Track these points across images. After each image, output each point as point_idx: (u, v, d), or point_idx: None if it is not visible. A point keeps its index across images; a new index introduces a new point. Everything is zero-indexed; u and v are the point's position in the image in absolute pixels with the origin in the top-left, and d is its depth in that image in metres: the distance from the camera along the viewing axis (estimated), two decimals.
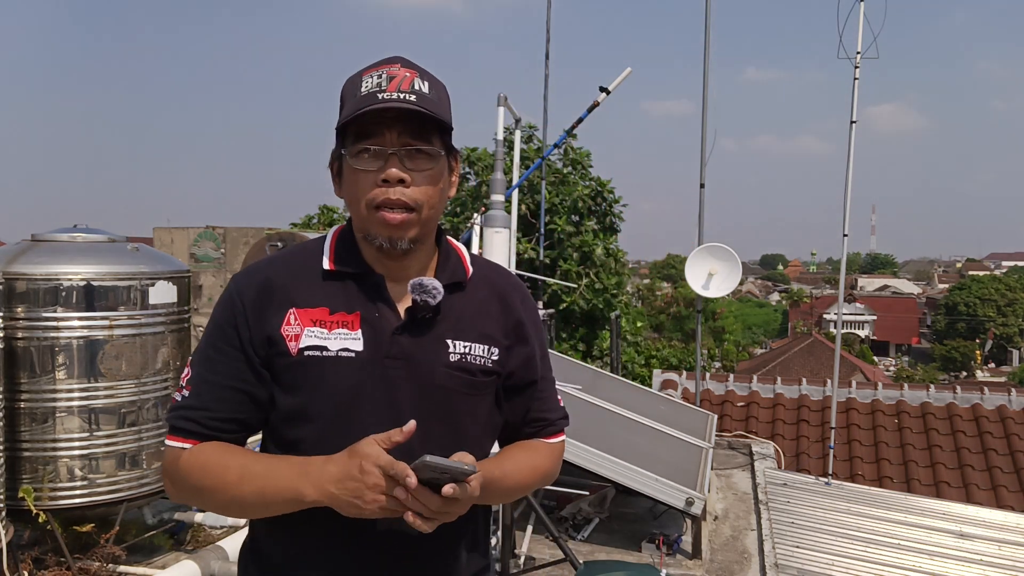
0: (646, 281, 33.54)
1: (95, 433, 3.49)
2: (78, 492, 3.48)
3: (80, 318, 3.44)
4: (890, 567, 4.38)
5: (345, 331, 1.33)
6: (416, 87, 1.30)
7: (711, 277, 6.65)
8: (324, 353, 1.31)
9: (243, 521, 3.84)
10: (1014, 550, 4.78)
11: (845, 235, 5.68)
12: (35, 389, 3.41)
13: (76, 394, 3.45)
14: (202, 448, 1.32)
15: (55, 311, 3.41)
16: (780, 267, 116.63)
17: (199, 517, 3.96)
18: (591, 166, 12.45)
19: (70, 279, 3.43)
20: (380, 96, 1.28)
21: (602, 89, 5.58)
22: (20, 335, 3.39)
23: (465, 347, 1.37)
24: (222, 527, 3.94)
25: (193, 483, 1.31)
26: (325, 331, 1.32)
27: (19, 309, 3.39)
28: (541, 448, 1.50)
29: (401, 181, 1.29)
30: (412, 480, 1.15)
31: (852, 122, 5.67)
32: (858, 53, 5.55)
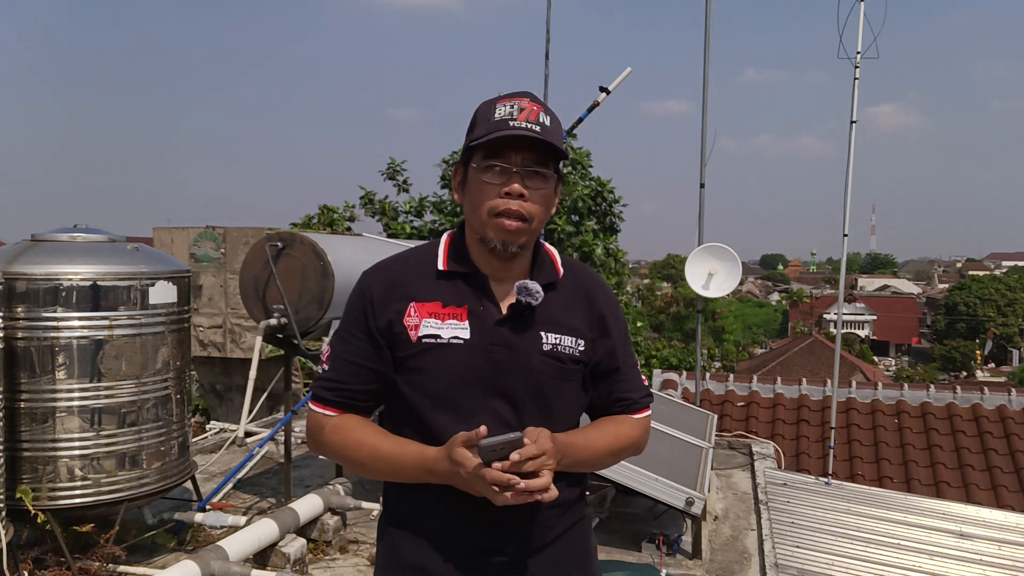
0: (646, 281, 33.54)
1: (95, 433, 3.49)
2: (78, 492, 3.48)
3: (80, 318, 3.44)
4: (890, 567, 4.38)
5: (455, 322, 1.58)
6: (540, 120, 1.54)
7: (711, 277, 6.65)
8: (438, 340, 1.56)
9: (243, 521, 3.84)
10: (1014, 550, 4.78)
11: (845, 235, 5.68)
12: (35, 389, 3.41)
13: (76, 394, 3.45)
14: (342, 425, 1.61)
15: (55, 311, 3.41)
16: (780, 267, 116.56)
17: (199, 517, 3.96)
18: (591, 166, 12.46)
19: (70, 279, 3.43)
20: (511, 124, 1.53)
21: (602, 89, 5.58)
22: (20, 335, 3.39)
23: (556, 339, 1.61)
24: (222, 527, 3.94)
25: (334, 451, 1.62)
26: (439, 322, 1.57)
27: (19, 309, 3.39)
28: (626, 420, 1.73)
29: (521, 195, 1.53)
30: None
31: (852, 122, 5.67)
32: (858, 53, 5.55)
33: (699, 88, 6.91)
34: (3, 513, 3.23)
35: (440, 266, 1.62)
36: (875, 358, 45.17)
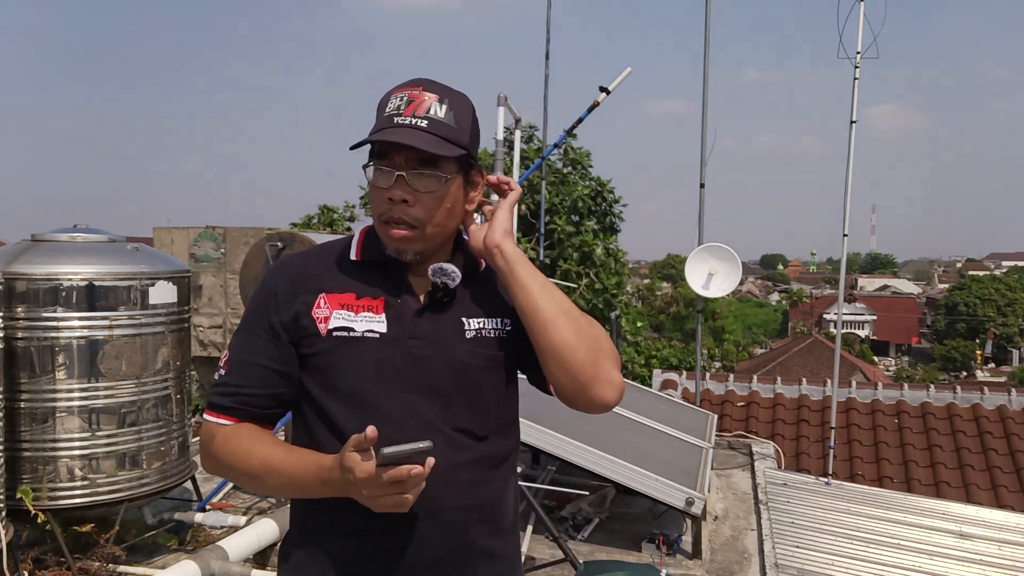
0: (646, 281, 33.56)
1: (95, 433, 3.49)
2: (78, 492, 3.48)
3: (80, 318, 3.43)
4: (890, 567, 4.38)
5: (370, 314, 1.42)
6: (432, 112, 1.37)
7: (711, 277, 6.65)
8: (351, 334, 1.41)
9: (243, 522, 3.84)
10: (1014, 550, 4.78)
11: (845, 235, 5.68)
12: (35, 389, 3.41)
13: (76, 394, 3.44)
14: (234, 432, 1.43)
15: (55, 311, 3.41)
16: (780, 267, 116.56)
17: (199, 517, 3.96)
18: (591, 166, 12.45)
19: (70, 279, 3.43)
20: (396, 120, 1.37)
21: (602, 89, 5.58)
22: (20, 335, 3.39)
23: (479, 323, 1.47)
24: (222, 527, 3.94)
25: (223, 464, 1.44)
26: (352, 314, 1.42)
27: (19, 309, 3.39)
28: None
29: (404, 201, 1.38)
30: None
31: (852, 122, 5.67)
32: (858, 53, 5.55)
33: (699, 88, 6.92)
34: (3, 513, 3.23)
35: (353, 256, 1.48)
36: (875, 358, 45.17)
